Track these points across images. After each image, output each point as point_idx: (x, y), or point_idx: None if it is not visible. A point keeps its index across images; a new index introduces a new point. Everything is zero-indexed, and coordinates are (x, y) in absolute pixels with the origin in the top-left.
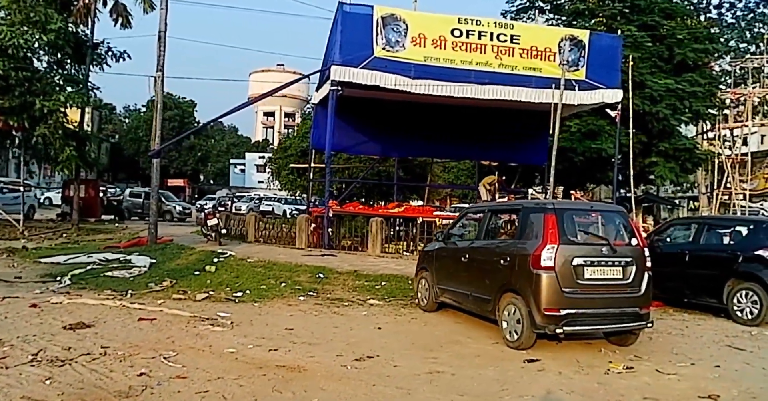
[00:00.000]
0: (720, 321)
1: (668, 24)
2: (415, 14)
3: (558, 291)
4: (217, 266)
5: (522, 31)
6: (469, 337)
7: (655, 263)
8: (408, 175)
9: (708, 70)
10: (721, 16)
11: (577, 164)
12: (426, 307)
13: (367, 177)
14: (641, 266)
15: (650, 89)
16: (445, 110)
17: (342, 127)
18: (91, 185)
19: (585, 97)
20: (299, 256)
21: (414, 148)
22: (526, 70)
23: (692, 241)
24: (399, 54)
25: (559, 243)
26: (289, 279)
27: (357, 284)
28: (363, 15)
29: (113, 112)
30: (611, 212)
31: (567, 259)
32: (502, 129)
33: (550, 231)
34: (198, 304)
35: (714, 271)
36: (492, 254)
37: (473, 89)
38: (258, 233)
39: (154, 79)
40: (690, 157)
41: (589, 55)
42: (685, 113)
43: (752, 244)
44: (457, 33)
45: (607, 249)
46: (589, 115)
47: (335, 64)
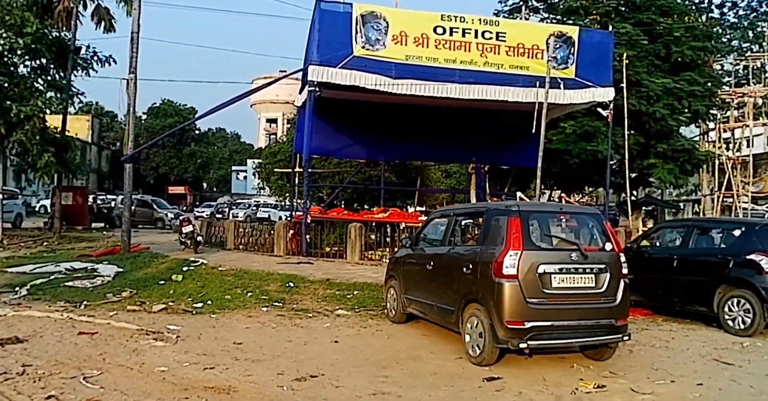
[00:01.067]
0: (710, 332)
1: (665, 21)
2: (396, 11)
3: (522, 301)
4: (185, 275)
5: (508, 28)
6: (432, 352)
7: (643, 269)
8: (401, 179)
9: (707, 69)
10: (723, 15)
11: (573, 167)
12: (394, 318)
13: (356, 181)
14: (616, 273)
15: (647, 89)
16: (433, 112)
17: (326, 131)
18: (78, 192)
19: (575, 95)
20: (274, 264)
21: (402, 151)
22: (512, 69)
23: (681, 245)
24: (379, 53)
25: (522, 248)
26: (257, 289)
27: (327, 293)
28: (341, 13)
29: (115, 120)
30: (583, 214)
31: (532, 266)
32: (493, 130)
33: (513, 236)
34: (152, 316)
35: (703, 277)
36: (455, 261)
37: (457, 89)
38: (237, 240)
39: (126, 81)
40: (689, 159)
41: (579, 53)
42: (684, 113)
43: (744, 248)
44: (440, 30)
45: (578, 255)
46: (584, 116)
47: (313, 63)
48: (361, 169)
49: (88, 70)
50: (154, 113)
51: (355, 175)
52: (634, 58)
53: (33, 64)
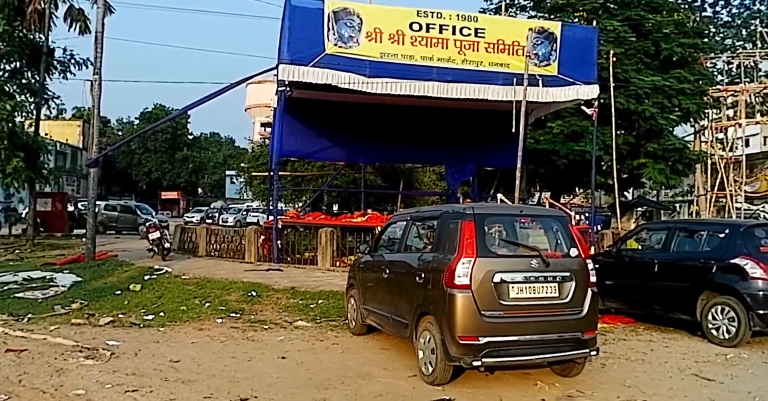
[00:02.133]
0: (693, 342)
1: (654, 18)
2: (370, 7)
3: (475, 314)
4: (145, 284)
5: (487, 24)
6: (386, 369)
7: (623, 274)
8: (387, 182)
9: (698, 67)
10: (717, 14)
11: (561, 167)
12: (354, 330)
13: (340, 184)
14: (582, 282)
15: (635, 87)
16: (414, 112)
17: (303, 132)
18: (58, 198)
19: (558, 93)
20: (242, 271)
21: (382, 153)
22: (492, 66)
23: (662, 249)
24: (353, 50)
25: (476, 255)
26: (216, 299)
27: (290, 303)
28: (313, 9)
29: (107, 125)
30: (546, 217)
31: (487, 275)
32: (476, 131)
33: (466, 242)
34: (95, 330)
35: (686, 283)
36: (409, 269)
37: (435, 87)
38: (209, 246)
39: (90, 83)
40: (680, 158)
41: (562, 49)
42: (674, 111)
43: (728, 251)
44: (416, 27)
45: (538, 262)
46: (571, 116)
47: (283, 62)
48: (344, 172)
49: (66, 73)
50: (146, 118)
51: (339, 177)
52: (622, 55)
53: (6, 67)
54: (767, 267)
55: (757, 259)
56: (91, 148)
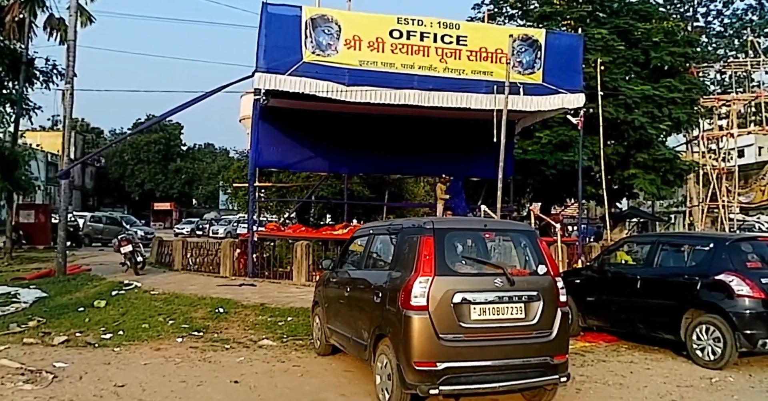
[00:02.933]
0: (677, 363)
1: (643, 26)
2: (348, 14)
3: (433, 338)
4: (111, 300)
5: (469, 32)
6: (343, 395)
7: (605, 290)
8: (375, 193)
9: (689, 76)
10: (709, 24)
11: (550, 178)
12: (319, 350)
13: (325, 196)
14: (551, 302)
15: (625, 96)
16: (397, 122)
17: (284, 142)
18: (41, 210)
19: (543, 102)
20: (214, 286)
21: (365, 163)
22: (475, 74)
23: (645, 264)
24: (331, 58)
25: (434, 274)
26: (181, 316)
27: (258, 320)
28: (290, 16)
29: (100, 136)
30: (513, 232)
31: (446, 296)
32: (461, 141)
33: (424, 259)
34: (46, 351)
35: (669, 301)
36: (368, 288)
37: (416, 95)
38: (185, 260)
39: (62, 92)
40: (671, 169)
41: (546, 57)
42: (664, 121)
43: (713, 267)
44: (396, 34)
45: (503, 281)
46: (560, 125)
47: (259, 70)
48: (330, 183)
49: (48, 83)
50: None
51: (325, 188)
52: (611, 64)
53: None
54: (754, 284)
55: (743, 276)
56: (62, 159)
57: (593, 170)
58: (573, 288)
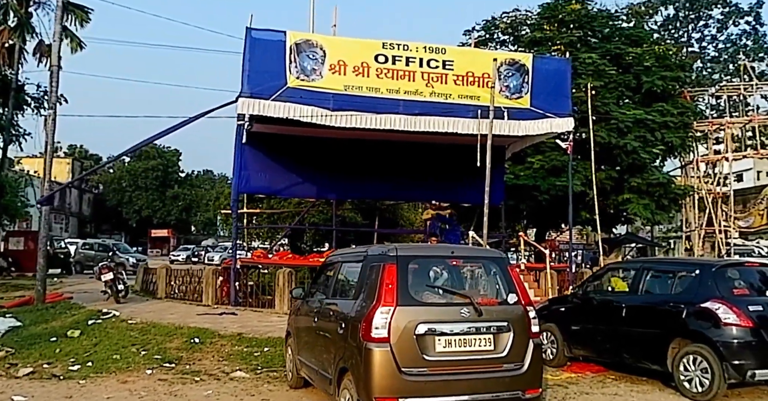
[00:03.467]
0: (664, 395)
1: (634, 51)
2: (333, 39)
3: (394, 372)
4: (86, 330)
5: (456, 56)
6: None
7: (590, 318)
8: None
9: (682, 100)
10: (704, 49)
11: (543, 203)
12: (291, 383)
13: (317, 222)
14: (522, 332)
15: (616, 120)
16: (385, 147)
17: (271, 168)
18: (30, 237)
19: (531, 126)
20: (193, 315)
21: (354, 189)
22: (461, 99)
23: (630, 291)
24: (315, 83)
25: (396, 303)
26: (156, 346)
27: (234, 350)
28: (274, 41)
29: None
30: (482, 259)
31: (408, 327)
32: (451, 166)
33: (386, 288)
34: (9, 383)
35: (655, 329)
36: (333, 318)
37: (402, 120)
38: (168, 288)
39: (44, 118)
40: (665, 193)
41: (534, 81)
42: (657, 145)
43: (699, 294)
44: (381, 59)
45: (470, 311)
46: (552, 150)
47: (242, 96)
48: (322, 209)
49: (40, 109)
50: (137, 156)
51: (317, 215)
52: (603, 89)
53: None
54: (741, 312)
55: (730, 303)
56: (43, 186)
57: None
58: (558, 317)
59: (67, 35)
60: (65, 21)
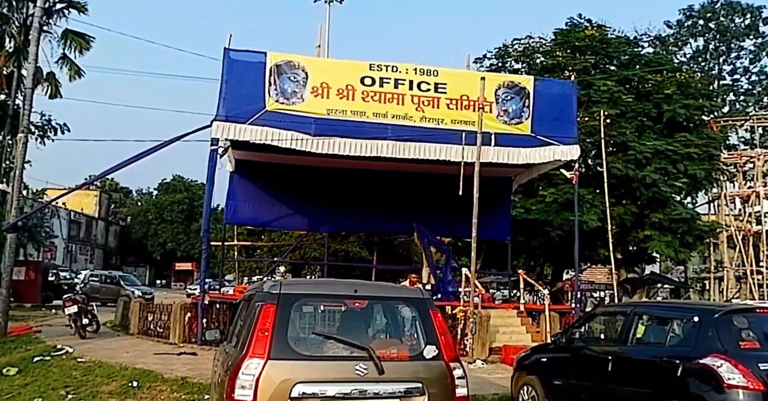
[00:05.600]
0: None
1: (654, 78)
2: (317, 61)
3: None
4: (28, 368)
5: (449, 79)
6: None
7: (574, 372)
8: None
9: (707, 130)
10: (736, 82)
11: (556, 240)
12: None
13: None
14: (442, 396)
15: (635, 151)
16: (381, 178)
17: (259, 198)
18: (32, 267)
19: (532, 154)
20: (150, 354)
21: (347, 222)
22: (455, 124)
23: (618, 340)
24: (296, 107)
25: (268, 356)
26: (90, 390)
27: (171, 398)
28: (254, 63)
29: (128, 196)
30: (395, 300)
31: (282, 388)
32: (449, 197)
33: (259, 335)
34: None
35: (646, 389)
36: (220, 369)
37: (389, 146)
38: (141, 323)
39: (15, 141)
40: (690, 230)
41: (535, 105)
42: (680, 178)
43: (697, 347)
44: (368, 81)
45: (368, 367)
46: (565, 183)
47: (218, 119)
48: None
49: (44, 138)
50: (164, 189)
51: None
52: (622, 118)
53: None
54: (749, 371)
55: (735, 360)
56: (10, 213)
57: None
58: (540, 368)
59: (66, 63)
60: (65, 48)
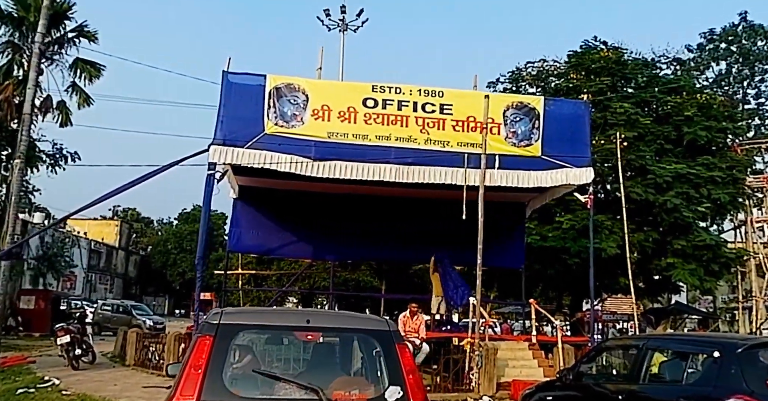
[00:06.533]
0: None
1: (673, 100)
2: (317, 83)
3: None
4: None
5: (455, 100)
6: None
7: None
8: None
9: (731, 153)
10: (761, 106)
11: (573, 268)
12: None
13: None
14: None
15: (654, 175)
16: (387, 203)
17: (264, 225)
18: (41, 296)
19: (543, 177)
20: (139, 388)
21: (354, 250)
22: (461, 147)
23: (630, 377)
24: (296, 130)
25: (198, 397)
26: None
27: None
28: (253, 86)
29: (149, 226)
30: (354, 332)
31: None
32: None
33: (190, 372)
34: None
35: None
36: None
37: (393, 170)
38: (138, 355)
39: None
40: (714, 257)
41: (545, 126)
42: (703, 203)
43: (718, 387)
44: (370, 103)
45: None
46: (582, 209)
47: (215, 143)
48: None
49: (55, 167)
50: (184, 218)
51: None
52: (641, 142)
53: None
54: None
55: None
56: (4, 239)
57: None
58: None
59: (75, 91)
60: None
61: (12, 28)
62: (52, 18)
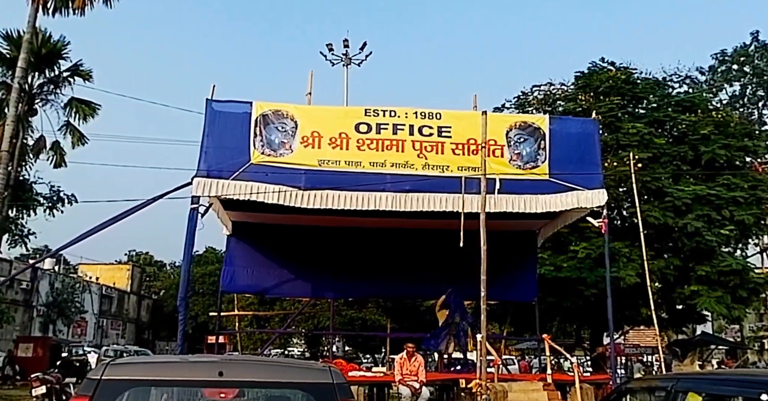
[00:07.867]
0: None
1: (688, 118)
2: (307, 109)
3: None
4: None
5: (454, 122)
6: None
7: None
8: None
9: (752, 172)
10: None
11: (591, 299)
12: None
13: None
14: None
15: (672, 197)
16: (388, 236)
17: (259, 263)
18: (40, 343)
19: (552, 201)
20: None
21: (354, 286)
22: (462, 171)
23: None
24: (284, 159)
25: None
26: None
27: None
28: (239, 114)
29: (162, 269)
30: (280, 386)
31: None
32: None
33: None
34: None
35: None
36: None
37: (389, 198)
38: None
39: None
40: (742, 283)
41: (552, 147)
42: (725, 225)
43: None
44: (363, 128)
45: None
46: (599, 236)
47: (198, 175)
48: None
49: (53, 209)
50: (196, 261)
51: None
52: (656, 164)
53: None
54: None
55: None
56: None
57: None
58: None
59: (69, 130)
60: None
61: (4, 67)
62: (45, 58)
